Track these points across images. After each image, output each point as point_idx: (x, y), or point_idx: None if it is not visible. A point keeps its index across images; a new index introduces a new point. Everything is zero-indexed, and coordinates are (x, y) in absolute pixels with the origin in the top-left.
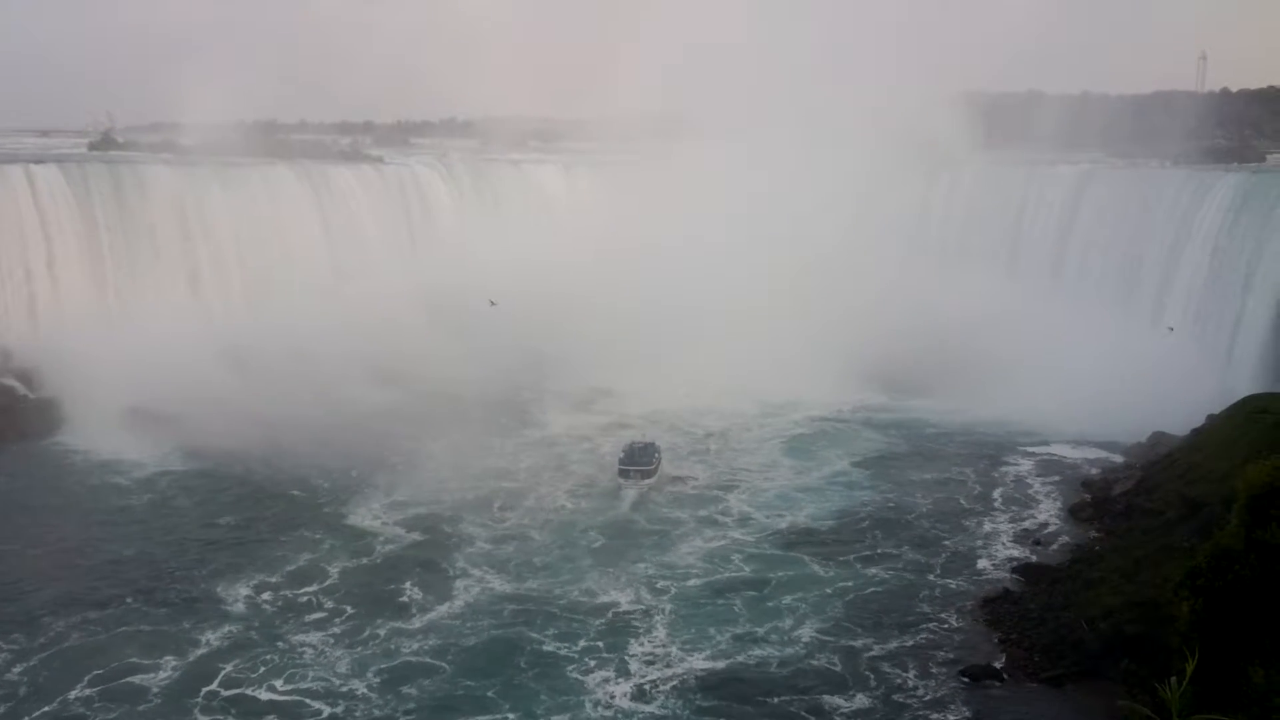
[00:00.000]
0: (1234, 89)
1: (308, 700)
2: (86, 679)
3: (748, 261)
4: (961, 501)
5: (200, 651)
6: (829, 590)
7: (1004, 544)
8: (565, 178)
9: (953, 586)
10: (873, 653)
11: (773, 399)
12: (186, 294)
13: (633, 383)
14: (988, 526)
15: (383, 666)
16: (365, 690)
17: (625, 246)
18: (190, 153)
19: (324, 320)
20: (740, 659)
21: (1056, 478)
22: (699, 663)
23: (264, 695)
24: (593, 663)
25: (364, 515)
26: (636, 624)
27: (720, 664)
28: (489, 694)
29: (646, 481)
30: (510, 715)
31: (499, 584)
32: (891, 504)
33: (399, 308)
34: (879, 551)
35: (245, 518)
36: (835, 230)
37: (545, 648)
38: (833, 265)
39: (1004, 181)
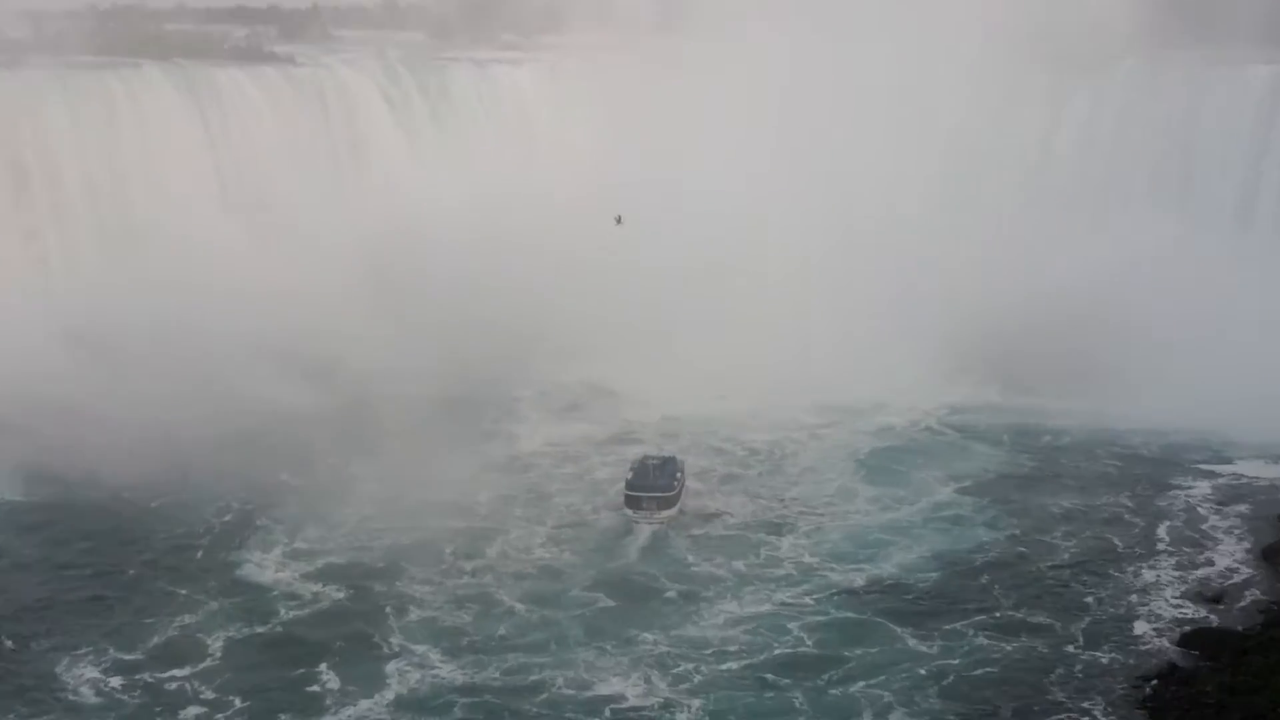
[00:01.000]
0: None
1: None
2: None
3: (802, 210)
4: (1113, 542)
5: None
6: (924, 671)
7: (1169, 601)
8: (549, 84)
9: (1100, 662)
10: None
11: (839, 399)
12: (19, 254)
13: (642, 377)
14: (1147, 576)
15: None
16: None
17: (630, 183)
18: (20, 52)
19: (213, 289)
20: None
21: (1242, 508)
22: None
23: None
24: None
25: (261, 565)
26: None
27: None
28: None
29: (664, 514)
30: None
31: (448, 669)
32: (1013, 547)
33: (320, 269)
34: (996, 615)
35: (99, 568)
36: (922, 169)
37: None
38: (919, 216)
39: (1168, 93)
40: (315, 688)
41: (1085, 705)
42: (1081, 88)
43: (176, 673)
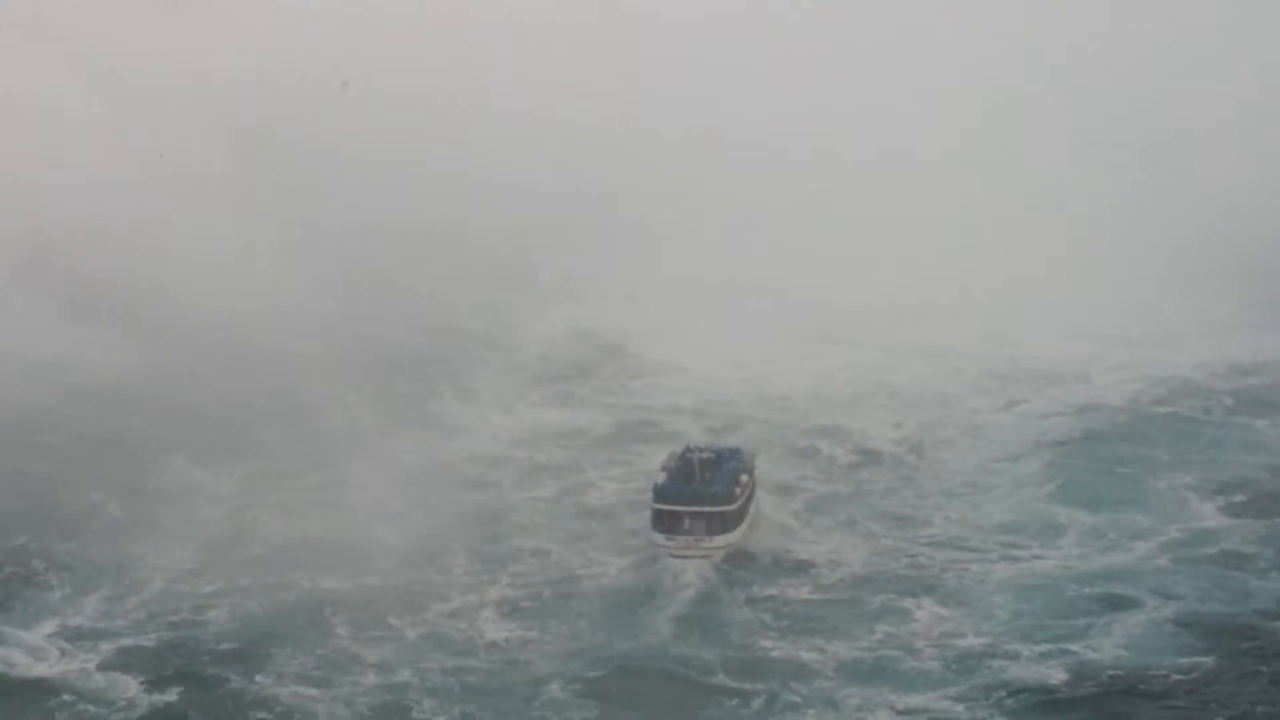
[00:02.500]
0: None
1: None
2: None
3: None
4: None
5: None
6: None
7: None
8: None
9: None
10: None
11: (1019, 358)
12: None
13: (679, 328)
14: None
15: None
16: None
17: None
18: None
19: None
20: None
21: None
22: None
23: None
24: None
25: (26, 647)
26: None
27: None
28: None
29: (719, 542)
30: None
31: None
32: None
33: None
34: None
35: None
36: None
37: None
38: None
39: None
40: None
41: None
42: None
43: None
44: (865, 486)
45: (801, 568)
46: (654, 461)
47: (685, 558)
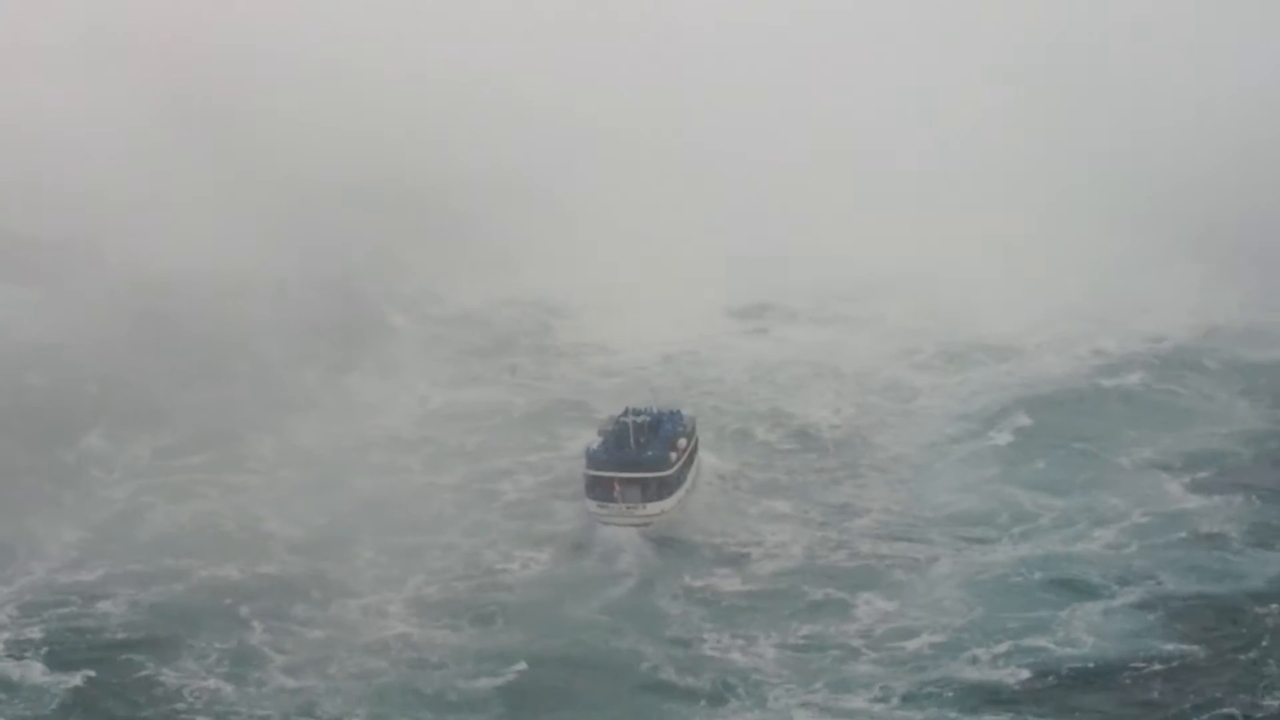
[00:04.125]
0: None
1: None
2: None
3: None
4: None
5: None
6: None
7: None
8: None
9: None
10: None
11: (968, 327)
12: None
13: (611, 301)
14: None
15: None
16: None
17: None
18: None
19: None
20: None
21: None
22: None
23: None
24: None
25: None
26: None
27: None
28: None
29: (654, 509)
30: None
31: None
32: None
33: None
34: None
35: None
36: None
37: None
38: None
39: None
40: None
41: None
42: None
43: None
44: (804, 472)
45: (738, 557)
46: (577, 445)
47: (618, 525)
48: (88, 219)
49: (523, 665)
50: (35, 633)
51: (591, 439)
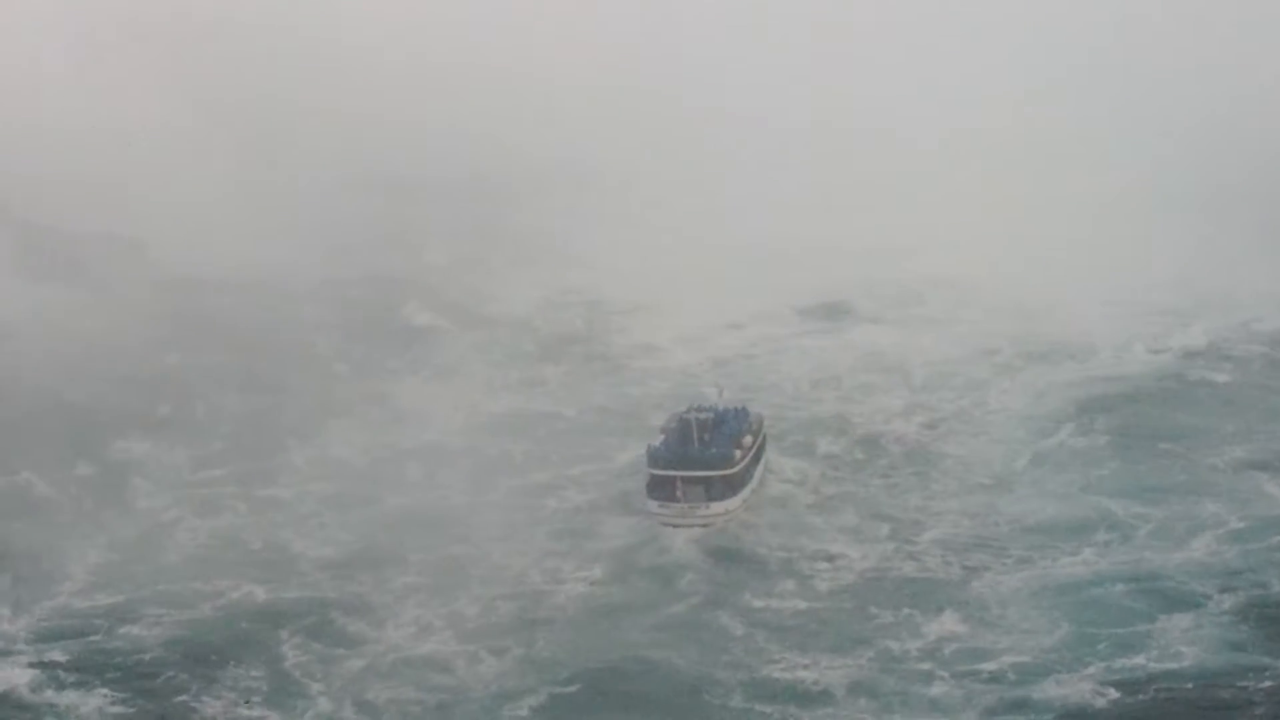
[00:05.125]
0: None
1: None
2: None
3: None
4: None
5: None
6: None
7: None
8: None
9: None
10: None
11: (1054, 327)
12: None
13: (666, 299)
14: None
15: None
16: None
17: None
18: None
19: None
20: None
21: None
22: None
23: None
24: None
25: None
26: None
27: None
28: None
29: (718, 509)
30: None
31: None
32: None
33: None
34: None
35: None
36: None
37: None
38: None
39: None
40: None
41: None
42: None
43: None
44: (873, 482)
45: (803, 573)
46: (626, 458)
47: (681, 526)
48: (128, 216)
49: (576, 688)
50: (59, 655)
51: (653, 438)
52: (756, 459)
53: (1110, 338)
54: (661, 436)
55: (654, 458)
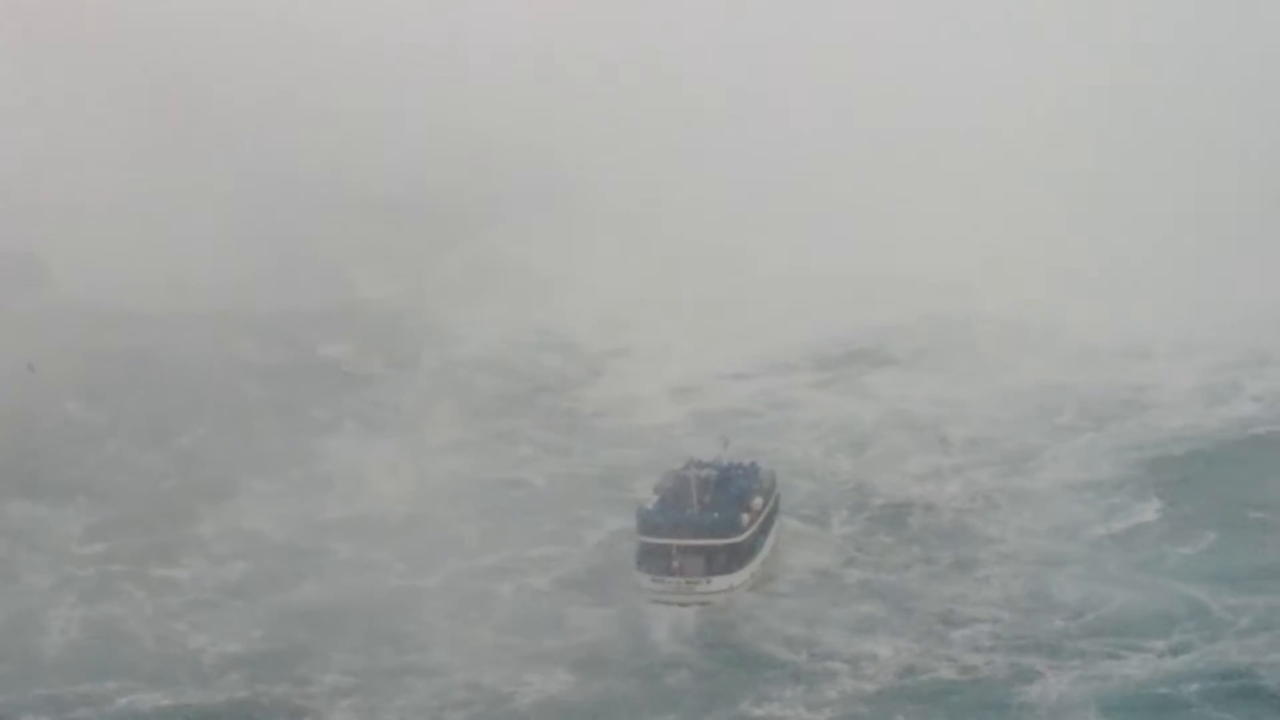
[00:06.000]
0: None
1: None
2: None
3: None
4: None
5: None
6: None
7: None
8: None
9: None
10: None
11: (1111, 375)
12: None
13: (650, 336)
14: None
15: None
16: None
17: None
18: None
19: None
20: None
21: None
22: None
23: None
24: None
25: None
26: None
27: None
28: None
29: (720, 585)
30: None
31: None
32: None
33: None
34: None
35: None
36: None
37: None
38: None
39: None
40: None
41: None
42: None
43: None
44: (900, 566)
45: (816, 675)
46: (596, 536)
47: (677, 604)
48: (38, 233)
49: None
50: None
51: (645, 497)
52: (767, 526)
53: (1185, 387)
54: (655, 497)
55: (645, 523)
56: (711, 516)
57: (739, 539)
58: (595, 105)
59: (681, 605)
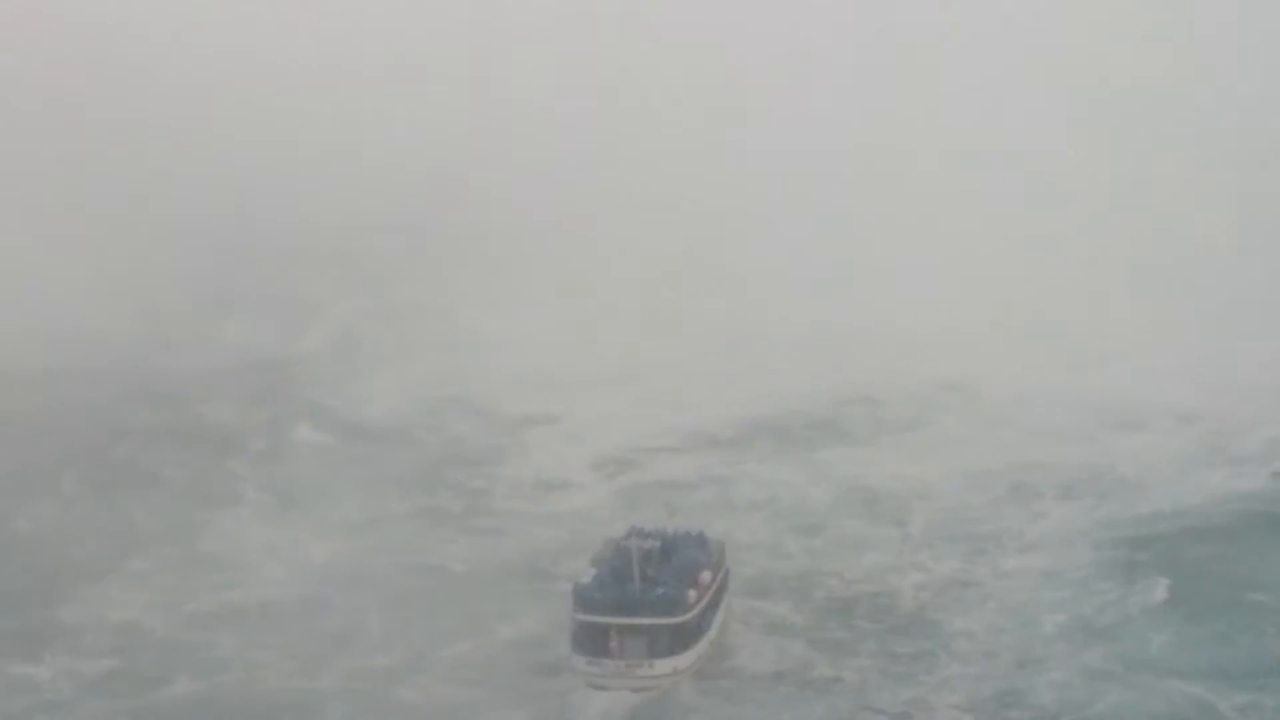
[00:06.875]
0: None
1: None
2: None
3: None
4: None
5: None
6: None
7: None
8: None
9: None
10: None
11: (1087, 446)
12: None
13: (576, 400)
14: None
15: None
16: None
17: None
18: None
19: None
20: None
21: None
22: None
23: None
24: None
25: None
26: None
27: None
28: None
29: (663, 669)
30: None
31: None
32: None
33: None
34: None
35: None
36: None
37: None
38: None
39: None
40: None
41: None
42: None
43: None
44: (856, 664)
45: None
46: (511, 631)
47: (616, 689)
48: None
49: None
50: None
51: (582, 570)
52: (716, 601)
53: (1172, 460)
54: (593, 570)
55: (582, 599)
56: (655, 593)
57: (685, 618)
58: (533, 142)
59: (621, 689)
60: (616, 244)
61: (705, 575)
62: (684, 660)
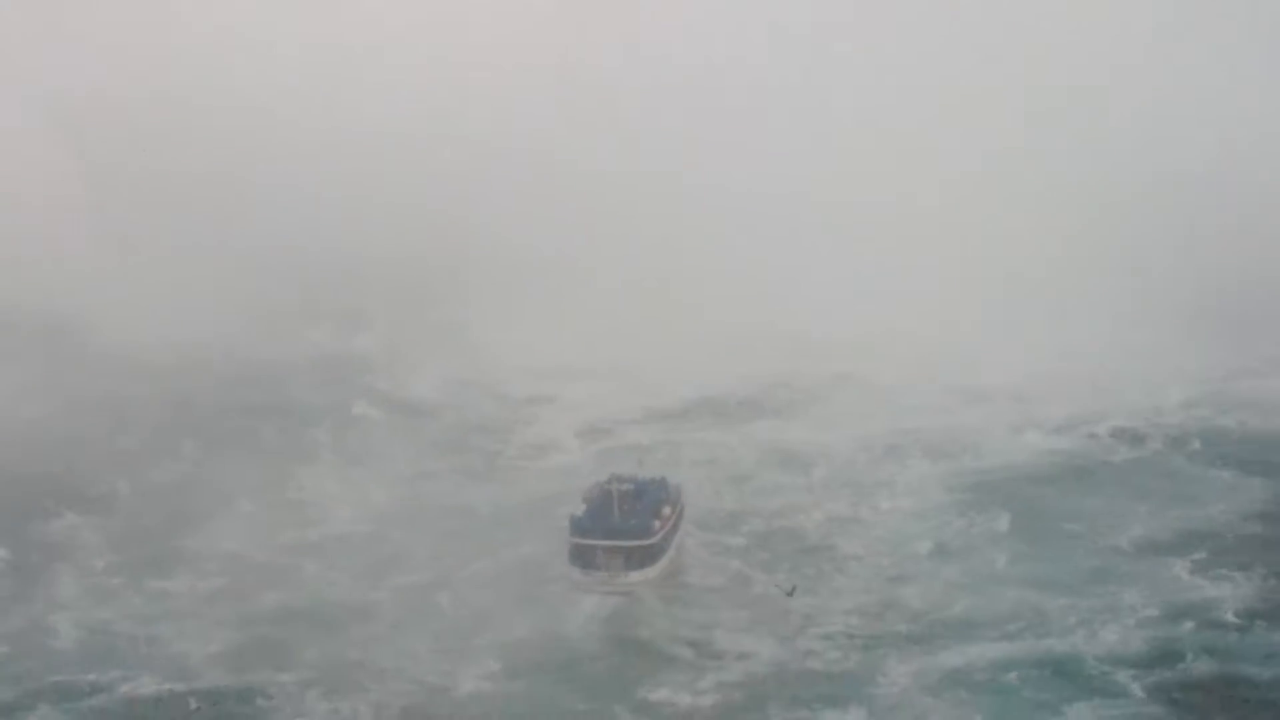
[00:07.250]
0: None
1: None
2: None
3: None
4: None
5: None
6: None
7: None
8: None
9: None
10: None
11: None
12: None
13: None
14: None
15: None
16: None
17: None
18: None
19: None
20: None
21: None
22: None
23: None
24: None
25: None
26: None
27: None
28: None
29: (636, 576)
30: None
31: None
32: None
33: None
34: None
35: None
36: None
37: None
38: None
39: None
40: None
41: None
42: None
43: None
44: (775, 573)
45: (701, 667)
46: (514, 555)
47: (602, 593)
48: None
49: None
50: None
51: (576, 506)
52: (674, 529)
53: (1006, 427)
54: (584, 506)
55: (577, 526)
56: (630, 522)
57: (651, 541)
58: (532, 194)
59: (605, 593)
60: (596, 269)
61: (666, 510)
62: (651, 572)
